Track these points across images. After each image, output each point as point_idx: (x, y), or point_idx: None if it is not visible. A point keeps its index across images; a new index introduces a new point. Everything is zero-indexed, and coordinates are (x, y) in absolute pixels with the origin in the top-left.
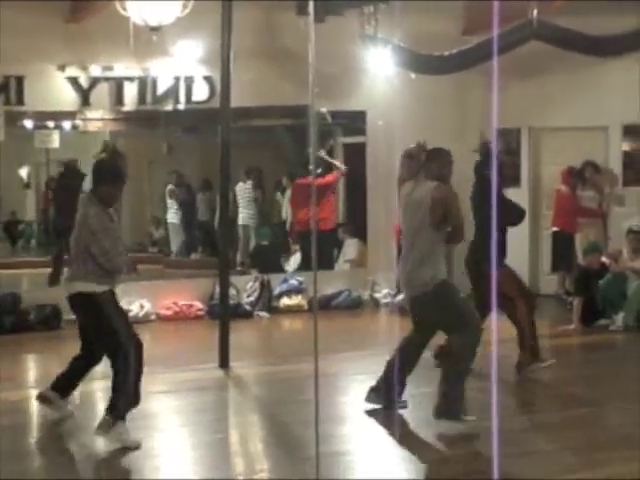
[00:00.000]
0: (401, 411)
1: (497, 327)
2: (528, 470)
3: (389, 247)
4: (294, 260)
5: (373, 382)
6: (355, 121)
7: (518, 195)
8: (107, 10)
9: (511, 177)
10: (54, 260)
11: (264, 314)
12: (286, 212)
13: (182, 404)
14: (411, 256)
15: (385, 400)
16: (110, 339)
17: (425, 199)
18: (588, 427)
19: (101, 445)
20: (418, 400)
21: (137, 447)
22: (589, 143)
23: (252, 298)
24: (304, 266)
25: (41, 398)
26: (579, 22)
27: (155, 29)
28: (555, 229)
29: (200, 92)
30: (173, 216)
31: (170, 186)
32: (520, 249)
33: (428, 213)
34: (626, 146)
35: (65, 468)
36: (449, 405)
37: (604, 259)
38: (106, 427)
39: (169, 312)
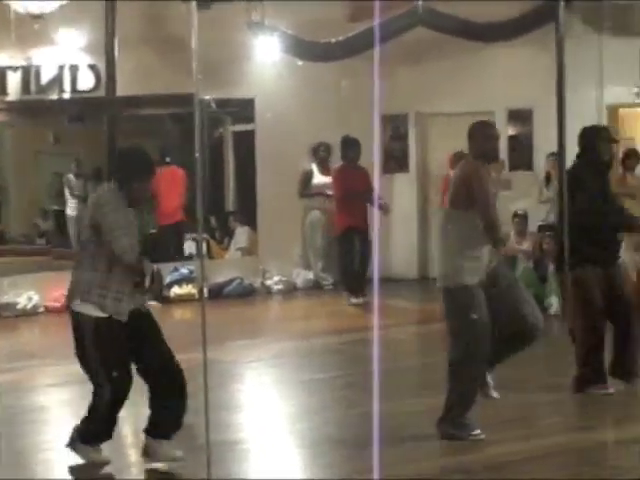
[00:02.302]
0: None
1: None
2: (415, 453)
3: (279, 234)
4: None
5: (266, 369)
6: (244, 109)
7: (406, 180)
8: None
9: (399, 162)
10: None
11: (155, 304)
12: None
13: (73, 397)
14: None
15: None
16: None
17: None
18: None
19: None
20: (308, 387)
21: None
22: None
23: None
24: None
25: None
26: (464, 9)
27: (37, 17)
28: None
29: (85, 81)
30: (70, 207)
31: (69, 176)
32: (409, 233)
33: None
34: (511, 130)
35: None
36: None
37: None
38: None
39: (58, 304)
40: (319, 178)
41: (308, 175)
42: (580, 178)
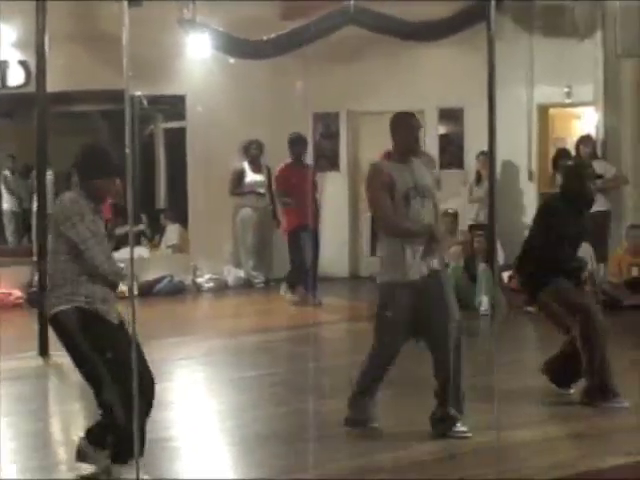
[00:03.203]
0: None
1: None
2: (345, 451)
3: (210, 232)
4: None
5: (196, 366)
6: (175, 106)
7: (338, 179)
8: None
9: (330, 161)
10: None
11: None
12: None
13: (1, 393)
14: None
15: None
16: None
17: None
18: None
19: None
20: (238, 384)
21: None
22: None
23: None
24: None
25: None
26: (395, 8)
27: None
28: None
29: (15, 77)
30: (7, 204)
31: (5, 172)
32: (340, 232)
33: None
34: (442, 129)
35: None
36: None
37: None
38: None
39: None
40: (251, 176)
41: (239, 173)
42: (561, 216)
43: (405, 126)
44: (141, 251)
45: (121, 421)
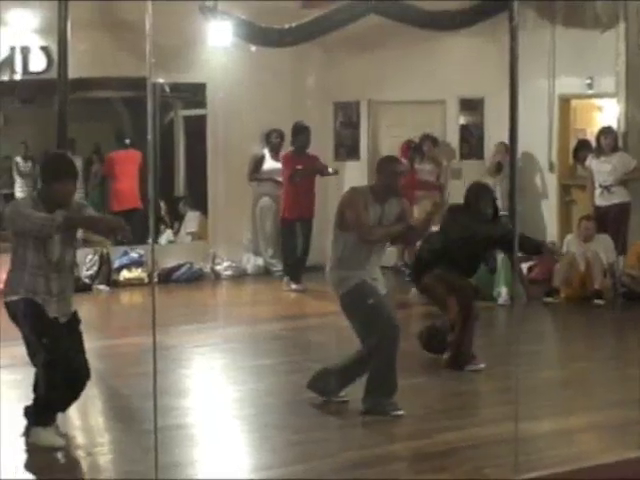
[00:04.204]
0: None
1: None
2: (364, 440)
3: (229, 220)
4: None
5: (214, 354)
6: (195, 94)
7: (357, 168)
8: None
9: (350, 150)
10: None
11: (104, 288)
12: None
13: (18, 378)
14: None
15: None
16: None
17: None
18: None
19: None
20: (255, 372)
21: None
22: (427, 117)
23: (91, 272)
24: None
25: None
26: None
27: None
28: None
29: (37, 62)
30: (20, 190)
31: (17, 158)
32: None
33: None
34: (463, 120)
35: None
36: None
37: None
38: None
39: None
40: (270, 163)
41: (259, 159)
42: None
43: (389, 171)
44: (167, 235)
45: (40, 392)
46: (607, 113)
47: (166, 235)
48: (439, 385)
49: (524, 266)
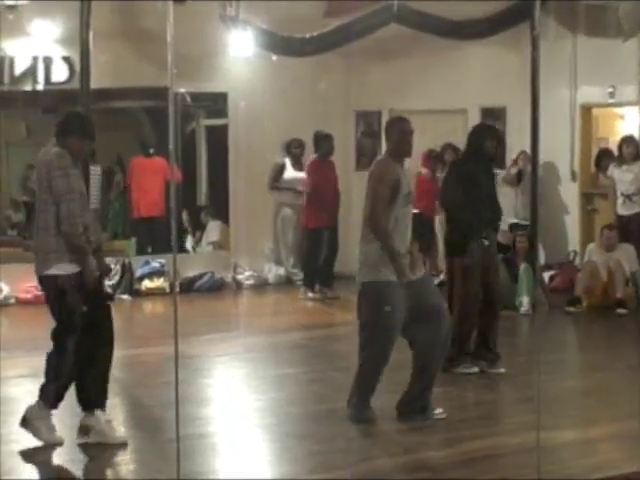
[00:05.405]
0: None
1: None
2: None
3: (251, 229)
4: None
5: (235, 363)
6: (217, 103)
7: None
8: None
9: (371, 160)
10: None
11: (126, 297)
12: None
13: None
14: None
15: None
16: None
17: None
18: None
19: None
20: (277, 382)
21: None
22: (449, 126)
23: (113, 281)
24: (141, 251)
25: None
26: (438, 6)
27: (11, 8)
28: (415, 211)
29: (59, 73)
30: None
31: None
32: None
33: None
34: None
35: None
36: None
37: None
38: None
39: (29, 295)
40: (291, 173)
41: (279, 168)
42: (470, 173)
43: (399, 130)
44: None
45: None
46: (629, 122)
47: (189, 241)
48: (460, 394)
49: (546, 275)
